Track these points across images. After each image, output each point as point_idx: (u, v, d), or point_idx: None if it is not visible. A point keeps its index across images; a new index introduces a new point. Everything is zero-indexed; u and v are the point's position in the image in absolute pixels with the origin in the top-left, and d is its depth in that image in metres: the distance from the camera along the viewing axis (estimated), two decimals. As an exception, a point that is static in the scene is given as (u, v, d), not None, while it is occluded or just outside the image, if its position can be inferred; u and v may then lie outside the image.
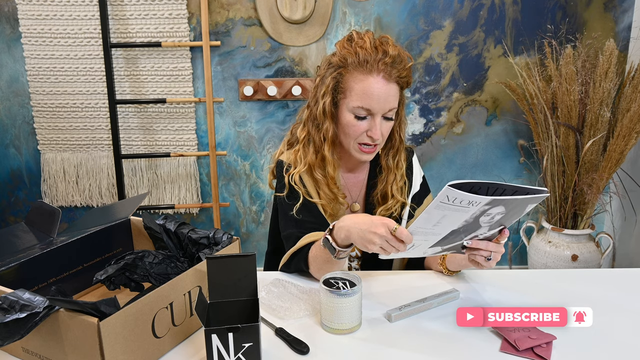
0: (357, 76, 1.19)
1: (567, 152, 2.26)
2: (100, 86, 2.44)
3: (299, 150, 1.30)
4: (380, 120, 1.21)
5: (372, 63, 1.18)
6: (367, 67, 1.18)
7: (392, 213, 1.33)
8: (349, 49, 1.20)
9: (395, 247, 0.99)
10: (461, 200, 0.86)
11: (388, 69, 1.18)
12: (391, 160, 1.33)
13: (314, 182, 1.29)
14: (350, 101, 1.20)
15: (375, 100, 1.18)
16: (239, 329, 0.85)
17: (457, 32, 2.41)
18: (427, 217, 0.92)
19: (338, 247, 1.09)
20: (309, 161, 1.27)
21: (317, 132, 1.27)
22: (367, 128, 1.21)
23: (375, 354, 0.96)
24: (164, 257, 1.04)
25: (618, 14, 2.39)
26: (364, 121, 1.21)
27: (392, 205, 1.32)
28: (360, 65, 1.18)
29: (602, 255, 2.34)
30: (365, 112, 1.20)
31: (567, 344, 0.97)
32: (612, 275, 1.32)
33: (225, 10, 2.39)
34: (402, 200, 1.34)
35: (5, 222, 2.69)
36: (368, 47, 1.18)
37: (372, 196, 1.34)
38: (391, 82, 1.19)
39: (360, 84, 1.19)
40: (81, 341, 0.83)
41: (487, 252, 1.03)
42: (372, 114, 1.20)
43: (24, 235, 1.17)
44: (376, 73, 1.18)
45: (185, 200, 2.59)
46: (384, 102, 1.19)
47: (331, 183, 1.28)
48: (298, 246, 1.23)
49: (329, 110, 1.23)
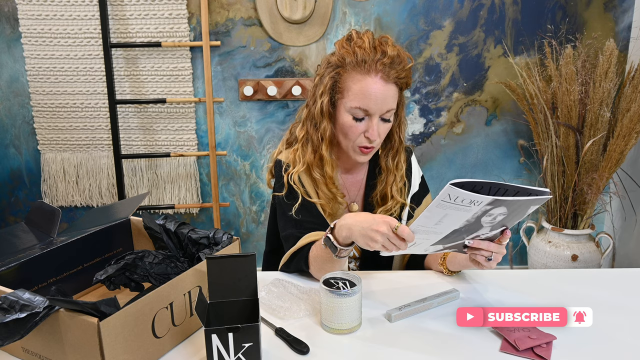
0: (355, 76, 1.18)
1: (567, 152, 2.26)
2: (100, 86, 2.44)
3: (298, 150, 1.29)
4: (378, 122, 1.20)
5: (370, 63, 1.16)
6: (365, 67, 1.17)
7: (392, 214, 1.33)
8: (347, 48, 1.19)
9: (396, 245, 0.99)
10: (463, 199, 0.86)
11: (386, 69, 1.17)
12: (391, 161, 1.32)
13: (312, 181, 1.29)
14: (348, 101, 1.20)
15: (372, 101, 1.17)
16: (239, 329, 0.85)
17: (457, 32, 2.41)
18: (429, 215, 0.92)
19: (339, 245, 1.09)
20: (307, 160, 1.27)
21: (315, 132, 1.26)
22: (365, 129, 1.21)
23: (375, 354, 0.96)
24: (164, 257, 1.04)
25: (618, 14, 2.39)
26: (361, 122, 1.21)
27: (391, 206, 1.32)
28: (358, 65, 1.17)
29: (602, 255, 2.34)
30: (363, 112, 1.19)
31: (567, 344, 0.97)
32: (612, 275, 1.32)
33: (225, 10, 2.39)
34: (402, 201, 1.33)
35: (5, 222, 2.69)
36: (367, 47, 1.17)
37: (371, 197, 1.34)
38: (389, 83, 1.18)
39: (358, 84, 1.18)
40: (81, 341, 0.83)
41: (488, 253, 1.03)
42: (370, 115, 1.19)
43: (24, 235, 1.17)
44: (374, 73, 1.17)
45: (185, 200, 2.59)
46: (382, 103, 1.18)
47: (329, 183, 1.28)
48: (298, 246, 1.23)
49: (327, 110, 1.23)
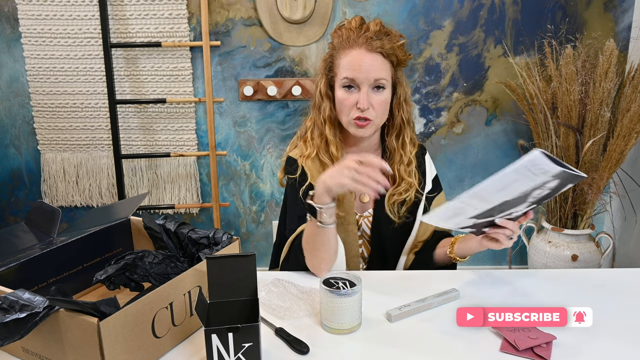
0: (343, 52, 1.27)
1: (567, 152, 2.25)
2: (100, 86, 2.44)
3: (308, 137, 1.35)
4: (369, 91, 1.24)
5: (354, 38, 1.25)
6: (349, 42, 1.26)
7: (405, 199, 1.33)
8: (337, 32, 1.30)
9: (366, 173, 1.04)
10: (541, 167, 0.90)
11: (370, 41, 1.24)
12: (394, 141, 1.35)
13: (322, 167, 1.31)
14: (339, 77, 1.27)
15: (357, 70, 1.23)
16: (239, 329, 0.85)
17: (457, 32, 2.41)
18: (502, 179, 0.94)
19: (318, 204, 1.12)
20: (315, 145, 1.32)
21: (318, 115, 1.33)
22: (357, 100, 1.25)
23: (375, 354, 0.96)
24: (164, 257, 1.04)
25: (618, 14, 2.39)
26: (352, 94, 1.25)
27: (404, 188, 1.32)
28: (345, 42, 1.26)
29: (602, 255, 2.34)
30: (350, 81, 1.25)
31: (567, 344, 0.97)
32: (612, 275, 1.32)
33: (225, 10, 2.39)
34: (412, 181, 1.34)
35: (5, 222, 2.69)
36: (352, 26, 1.27)
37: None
38: (373, 53, 1.24)
39: (345, 58, 1.26)
40: (81, 341, 0.83)
41: (510, 232, 1.11)
42: (358, 84, 1.24)
43: (24, 235, 1.17)
44: (357, 46, 1.25)
45: (185, 200, 2.59)
46: (367, 71, 1.23)
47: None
48: (296, 233, 1.27)
49: (325, 91, 1.31)
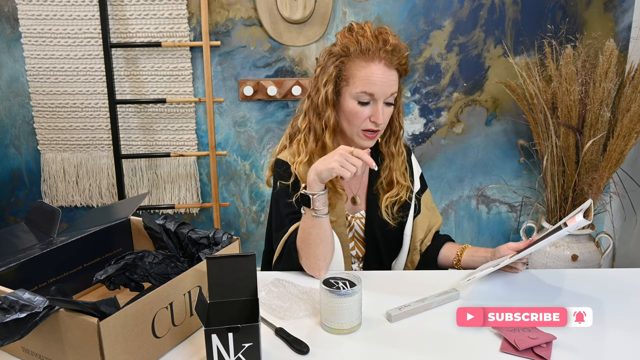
0: (360, 64, 1.23)
1: (567, 152, 2.25)
2: (100, 86, 2.44)
3: (301, 140, 1.33)
4: (382, 106, 1.25)
5: (374, 51, 1.22)
6: (369, 54, 1.23)
7: (400, 199, 1.37)
8: (350, 38, 1.25)
9: (352, 163, 1.12)
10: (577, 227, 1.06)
11: (389, 56, 1.23)
12: (393, 147, 1.37)
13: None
14: (353, 88, 1.24)
15: (378, 86, 1.23)
16: (239, 329, 0.85)
17: (457, 32, 2.41)
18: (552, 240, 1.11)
19: (311, 192, 1.16)
20: (309, 150, 1.31)
21: (318, 121, 1.30)
22: (371, 114, 1.26)
23: (375, 354, 0.96)
24: (164, 257, 1.04)
25: (618, 14, 2.39)
26: (366, 107, 1.25)
27: (397, 191, 1.36)
28: (362, 53, 1.23)
29: (602, 255, 2.34)
30: (369, 97, 1.24)
31: (567, 344, 0.97)
32: (612, 275, 1.32)
33: (225, 10, 2.39)
34: (407, 185, 1.38)
35: (5, 222, 2.69)
36: (369, 36, 1.23)
37: (375, 186, 1.37)
38: (392, 69, 1.24)
39: (363, 70, 1.23)
40: (81, 341, 0.83)
41: (525, 260, 1.25)
42: (375, 99, 1.25)
43: (24, 235, 1.17)
44: (378, 60, 1.23)
45: (185, 200, 2.59)
46: (386, 87, 1.24)
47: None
48: (288, 234, 1.27)
49: (331, 98, 1.27)
